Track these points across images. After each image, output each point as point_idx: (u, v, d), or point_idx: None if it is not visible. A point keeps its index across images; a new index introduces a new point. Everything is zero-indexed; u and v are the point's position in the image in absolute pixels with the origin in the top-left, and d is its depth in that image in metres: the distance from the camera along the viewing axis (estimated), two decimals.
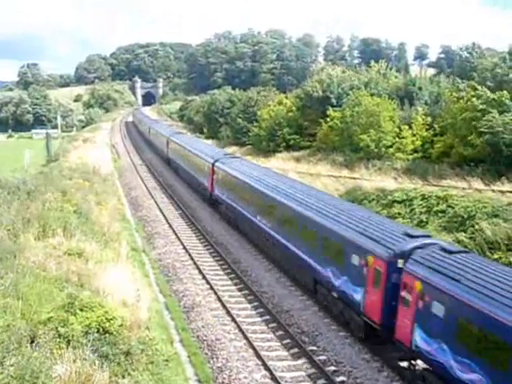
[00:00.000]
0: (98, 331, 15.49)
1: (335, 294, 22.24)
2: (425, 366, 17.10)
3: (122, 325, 16.39)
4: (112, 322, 16.03)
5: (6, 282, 16.97)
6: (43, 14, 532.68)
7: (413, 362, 17.77)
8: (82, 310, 16.17)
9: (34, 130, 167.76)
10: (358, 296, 20.21)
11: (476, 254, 23.05)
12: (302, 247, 24.95)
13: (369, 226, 21.06)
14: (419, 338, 16.80)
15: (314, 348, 20.15)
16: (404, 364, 18.50)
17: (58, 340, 14.60)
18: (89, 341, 14.68)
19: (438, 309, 15.96)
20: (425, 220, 32.98)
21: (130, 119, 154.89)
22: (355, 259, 20.36)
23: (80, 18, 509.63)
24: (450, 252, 17.58)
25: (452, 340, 15.42)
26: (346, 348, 20.22)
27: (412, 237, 19.34)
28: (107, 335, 15.53)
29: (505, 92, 41.82)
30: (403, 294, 17.57)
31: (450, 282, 15.75)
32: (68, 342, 14.59)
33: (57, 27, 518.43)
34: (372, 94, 55.99)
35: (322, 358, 19.41)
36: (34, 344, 14.09)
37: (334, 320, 22.40)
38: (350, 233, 21.13)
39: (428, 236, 20.63)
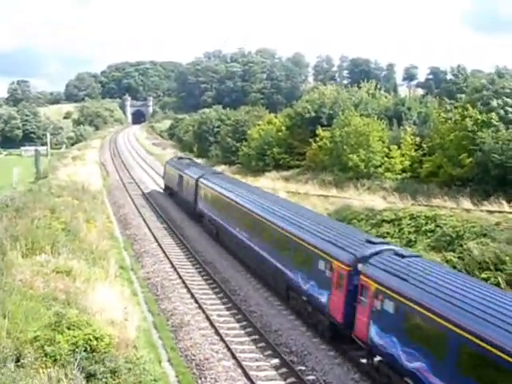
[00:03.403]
0: (85, 350, 15.33)
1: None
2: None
3: (109, 343, 16.22)
4: (99, 340, 15.87)
5: None
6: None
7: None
8: (69, 328, 16.01)
9: (23, 147, 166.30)
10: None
11: None
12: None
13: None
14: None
15: (303, 368, 20.04)
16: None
17: (44, 359, 14.44)
18: (76, 359, 14.52)
19: None
20: (413, 239, 33.03)
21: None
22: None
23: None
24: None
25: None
26: (334, 368, 20.12)
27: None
28: (94, 354, 15.37)
29: (493, 113, 42.28)
30: None
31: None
32: (55, 360, 14.42)
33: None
34: (362, 115, 56.31)
35: (311, 377, 19.29)
36: (19, 363, 13.93)
37: (323, 340, 22.35)
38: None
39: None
